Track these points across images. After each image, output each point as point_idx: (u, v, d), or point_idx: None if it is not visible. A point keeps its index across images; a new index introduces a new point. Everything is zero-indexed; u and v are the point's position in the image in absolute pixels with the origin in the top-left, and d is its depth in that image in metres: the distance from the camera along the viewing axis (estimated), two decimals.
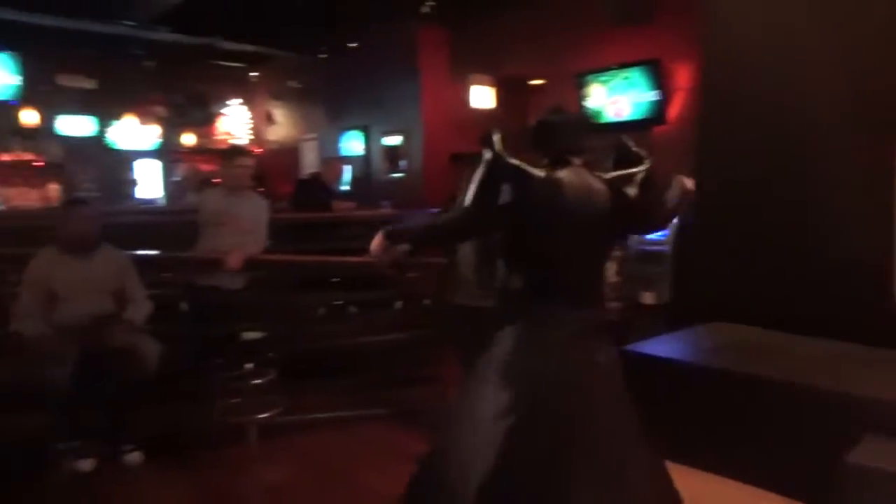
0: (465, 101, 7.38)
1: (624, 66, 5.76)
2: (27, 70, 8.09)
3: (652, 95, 5.61)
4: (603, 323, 2.35)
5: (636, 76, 5.69)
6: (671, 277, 5.23)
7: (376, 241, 2.27)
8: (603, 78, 5.94)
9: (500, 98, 7.58)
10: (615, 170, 2.43)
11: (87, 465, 3.30)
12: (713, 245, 5.03)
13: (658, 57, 5.52)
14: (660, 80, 5.54)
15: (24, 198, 8.17)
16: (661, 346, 3.90)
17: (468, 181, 2.23)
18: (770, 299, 4.18)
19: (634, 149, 2.49)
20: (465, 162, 2.44)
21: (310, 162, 8.96)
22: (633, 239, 5.48)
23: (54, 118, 8.42)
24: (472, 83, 7.37)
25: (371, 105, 7.91)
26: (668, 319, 5.14)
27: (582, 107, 6.12)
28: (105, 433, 3.47)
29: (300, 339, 4.40)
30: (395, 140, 7.59)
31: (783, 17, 3.99)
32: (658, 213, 2.50)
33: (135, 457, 3.43)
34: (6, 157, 8.05)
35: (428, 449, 2.37)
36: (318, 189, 6.30)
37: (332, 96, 8.57)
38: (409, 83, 7.39)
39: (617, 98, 5.87)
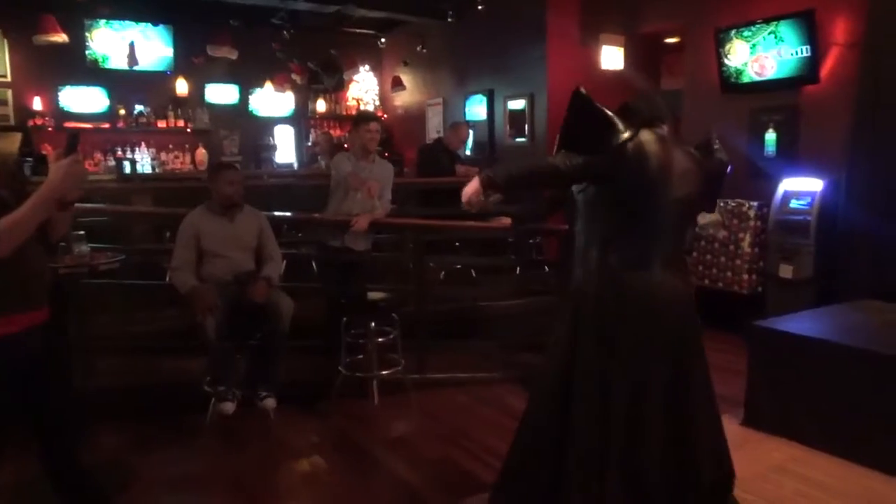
0: (594, 63, 7.11)
1: (771, 19, 5.29)
2: (178, 42, 8.76)
3: (802, 51, 5.13)
4: (691, 289, 2.45)
5: (785, 30, 5.21)
6: (815, 250, 4.84)
7: (472, 187, 2.33)
8: (746, 33, 5.49)
9: (632, 58, 7.25)
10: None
11: (229, 407, 3.60)
12: (866, 216, 4.60)
13: (812, 7, 5.02)
14: (812, 34, 5.03)
15: (177, 162, 8.92)
16: (802, 323, 3.65)
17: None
18: None
19: (717, 147, 2.53)
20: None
21: (435, 126, 9.06)
22: (774, 207, 5.11)
23: (203, 87, 9.07)
24: (603, 43, 7.09)
25: (496, 69, 7.83)
26: (809, 295, 4.78)
27: (722, 65, 5.71)
28: (245, 380, 3.76)
29: (422, 300, 4.50)
30: (519, 104, 7.49)
31: None
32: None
33: (269, 403, 3.69)
34: (162, 125, 8.81)
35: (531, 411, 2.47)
36: (442, 153, 6.37)
37: (458, 60, 8.57)
38: (535, 45, 7.22)
39: (761, 55, 5.42)
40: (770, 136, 5.47)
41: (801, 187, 5.03)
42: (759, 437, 3.45)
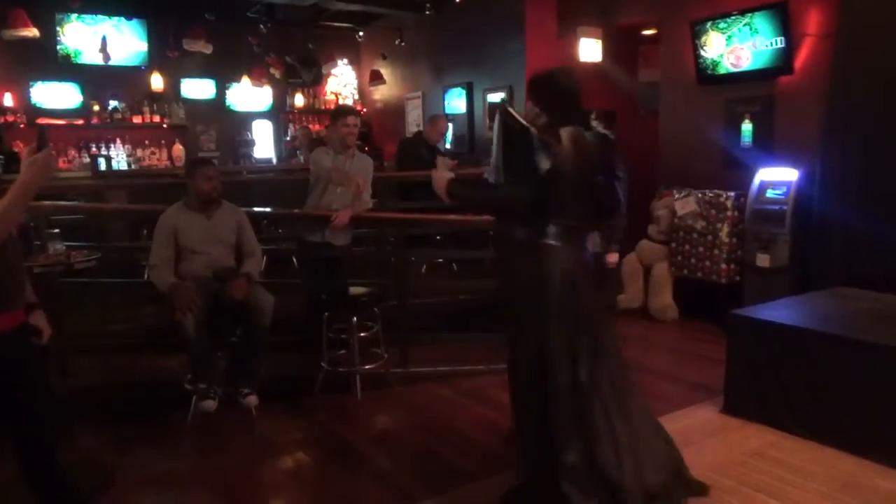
0: (572, 55, 7.14)
1: (746, 10, 5.35)
2: (153, 37, 8.62)
3: (776, 43, 5.19)
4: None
5: (759, 21, 5.27)
6: (791, 239, 4.91)
7: (441, 184, 2.69)
8: (722, 25, 5.55)
9: (610, 51, 7.28)
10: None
11: (210, 405, 3.57)
12: (840, 205, 4.68)
13: None
14: (786, 25, 5.10)
15: (154, 158, 8.80)
16: (779, 311, 3.71)
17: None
18: None
19: (595, 124, 2.74)
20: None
21: (414, 120, 9.04)
22: (750, 197, 5.18)
23: (179, 82, 8.95)
24: (581, 35, 7.12)
25: (475, 62, 7.83)
26: (786, 283, 4.86)
27: (699, 57, 5.76)
28: (226, 377, 3.73)
29: (404, 295, 4.50)
30: (498, 97, 7.50)
31: None
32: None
33: (251, 400, 3.67)
34: (137, 120, 8.68)
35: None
36: (422, 147, 6.35)
37: (437, 54, 8.55)
38: (513, 38, 7.23)
39: (736, 47, 5.48)
40: (746, 126, 5.54)
41: (777, 177, 5.10)
42: (737, 423, 3.51)
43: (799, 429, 3.30)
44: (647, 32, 7.44)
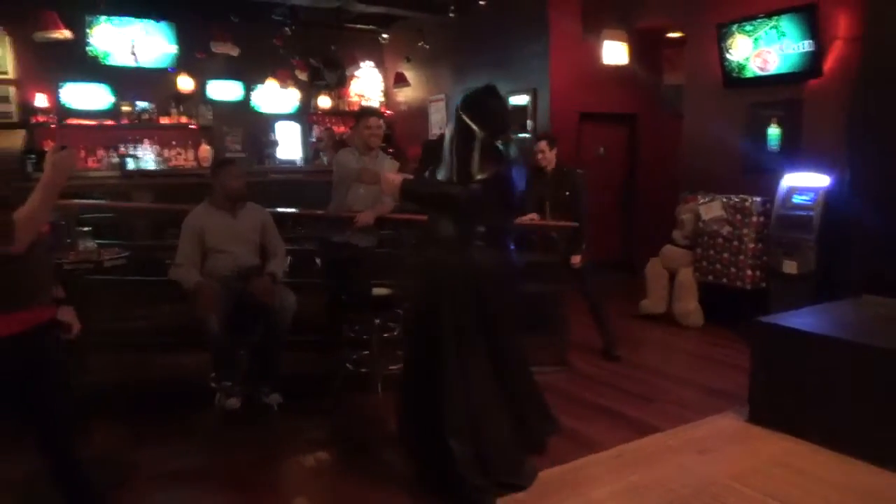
0: (596, 58, 7.11)
1: (773, 13, 5.28)
2: (181, 39, 8.76)
3: (804, 46, 5.12)
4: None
5: (787, 24, 5.21)
6: (817, 245, 4.84)
7: (392, 186, 2.94)
8: (748, 28, 5.49)
9: (634, 53, 7.24)
10: None
11: (234, 403, 3.61)
12: (868, 211, 4.59)
13: (813, 1, 5.01)
14: (814, 28, 5.03)
15: (180, 158, 8.93)
16: (805, 319, 3.66)
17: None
18: None
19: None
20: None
21: (437, 122, 9.06)
22: (776, 202, 5.11)
23: (205, 84, 9.07)
24: (605, 38, 7.09)
25: (498, 64, 7.82)
26: (812, 290, 4.79)
27: (724, 60, 5.70)
28: (250, 376, 3.78)
29: None
30: (521, 99, 7.49)
31: None
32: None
33: (274, 398, 3.71)
34: (165, 121, 8.82)
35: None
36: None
37: (460, 56, 8.57)
38: (537, 40, 7.23)
39: (763, 50, 5.41)
40: (773, 130, 5.47)
41: (804, 182, 5.03)
42: (760, 432, 3.47)
43: (822, 438, 3.25)
44: (671, 35, 7.39)
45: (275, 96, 9.48)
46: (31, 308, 2.22)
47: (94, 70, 8.36)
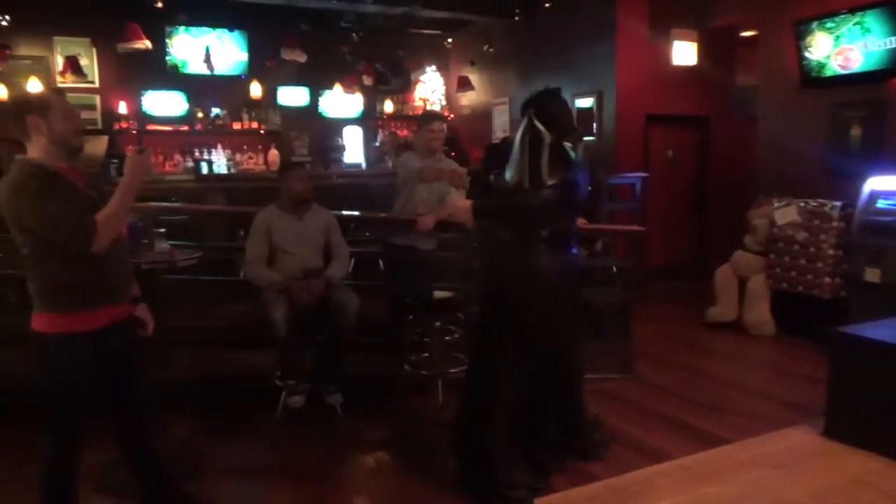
0: (664, 59, 6.94)
1: (856, 9, 5.03)
2: (252, 47, 9.05)
3: (891, 42, 4.85)
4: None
5: (872, 20, 4.94)
6: None
7: (465, 213, 2.94)
8: (829, 25, 5.24)
9: (705, 53, 7.03)
10: None
11: (298, 401, 3.69)
12: None
13: None
14: None
15: (251, 162, 9.22)
16: (888, 331, 3.44)
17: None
18: None
19: None
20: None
21: (500, 126, 9.03)
22: (859, 207, 4.85)
23: (275, 90, 9.34)
24: (674, 38, 6.90)
25: (563, 66, 7.73)
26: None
27: (803, 59, 5.46)
28: (314, 375, 3.85)
29: None
30: (586, 102, 7.38)
31: None
32: None
33: (336, 398, 3.77)
34: (237, 126, 9.12)
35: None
36: (507, 152, 6.32)
37: (525, 59, 8.52)
38: (603, 41, 7.10)
39: (845, 47, 5.15)
40: (855, 131, 5.21)
41: (890, 186, 4.75)
42: (838, 448, 3.29)
43: None
44: (745, 34, 7.13)
45: (340, 101, 9.66)
46: (113, 304, 2.33)
47: (173, 78, 8.74)
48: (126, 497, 2.73)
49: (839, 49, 5.21)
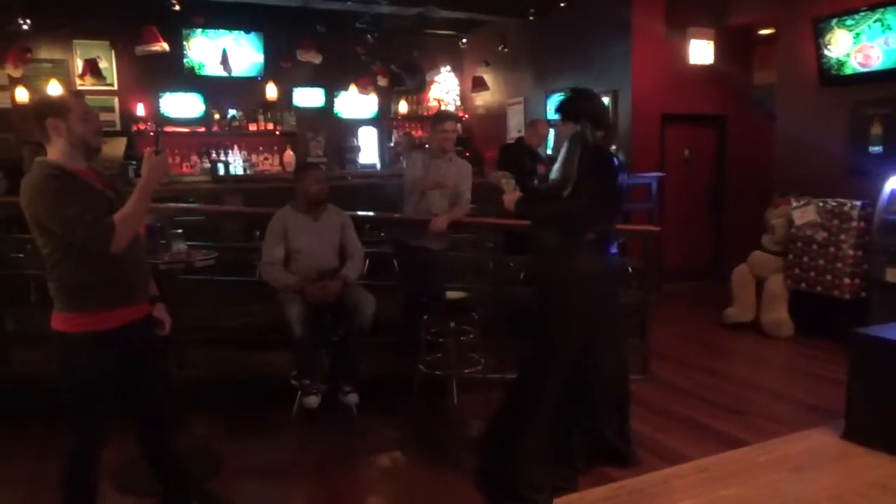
0: (680, 58, 6.89)
1: (876, 6, 4.96)
2: (268, 48, 9.11)
3: None
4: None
5: (891, 17, 4.87)
6: None
7: (510, 201, 3.10)
8: (849, 22, 5.17)
9: (722, 52, 6.97)
10: None
11: (314, 401, 3.70)
12: None
13: None
14: None
15: (267, 163, 9.28)
16: None
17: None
18: None
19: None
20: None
21: (515, 126, 9.02)
22: (880, 207, 4.78)
23: (290, 91, 9.39)
24: (691, 37, 6.85)
25: (578, 66, 7.71)
26: None
27: (822, 57, 5.40)
28: (330, 375, 3.86)
29: (501, 300, 4.49)
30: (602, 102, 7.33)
31: None
32: None
33: (352, 398, 3.77)
34: (253, 128, 9.18)
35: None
36: (522, 152, 6.32)
37: (539, 59, 8.50)
38: (618, 41, 7.07)
39: (865, 45, 5.09)
40: (875, 130, 5.14)
41: None
42: (859, 451, 3.25)
43: None
44: (763, 32, 7.07)
45: (355, 102, 9.69)
46: (131, 304, 2.35)
47: (190, 80, 8.82)
48: (145, 495, 2.76)
49: (859, 47, 5.15)
